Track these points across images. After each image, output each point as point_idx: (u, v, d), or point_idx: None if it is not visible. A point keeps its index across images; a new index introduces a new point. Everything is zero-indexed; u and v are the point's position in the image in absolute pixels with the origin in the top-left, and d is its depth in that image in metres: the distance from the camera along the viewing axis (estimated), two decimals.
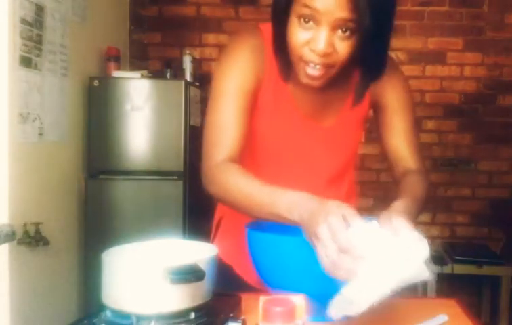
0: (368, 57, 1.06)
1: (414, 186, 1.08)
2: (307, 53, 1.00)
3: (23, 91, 2.05)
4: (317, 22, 0.97)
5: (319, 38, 0.97)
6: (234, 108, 1.09)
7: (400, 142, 1.21)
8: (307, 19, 0.97)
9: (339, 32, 0.97)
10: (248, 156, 1.17)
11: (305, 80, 1.05)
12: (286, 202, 0.94)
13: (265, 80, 1.13)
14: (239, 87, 1.10)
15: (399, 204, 0.95)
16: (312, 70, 1.02)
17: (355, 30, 0.97)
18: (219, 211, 1.37)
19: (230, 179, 1.03)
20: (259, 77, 1.12)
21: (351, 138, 1.26)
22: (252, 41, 1.14)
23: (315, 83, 1.05)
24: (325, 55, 0.99)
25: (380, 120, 1.24)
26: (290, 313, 0.77)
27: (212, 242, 1.36)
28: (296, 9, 0.98)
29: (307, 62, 1.01)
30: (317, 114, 1.19)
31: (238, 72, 1.11)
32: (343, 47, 0.99)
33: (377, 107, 1.24)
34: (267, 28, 1.13)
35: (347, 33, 0.98)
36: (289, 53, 1.04)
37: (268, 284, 1.07)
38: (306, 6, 0.96)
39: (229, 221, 1.28)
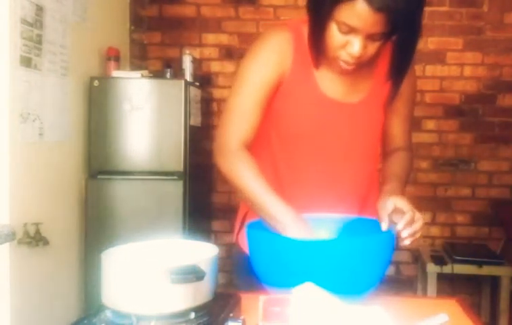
0: (399, 55, 1.21)
1: (399, 164, 1.29)
2: (343, 54, 1.14)
3: (23, 91, 2.05)
4: (353, 32, 1.10)
5: (354, 45, 1.11)
6: (253, 98, 1.23)
7: (397, 125, 1.36)
8: (344, 30, 1.09)
9: (371, 38, 1.11)
10: (278, 139, 1.30)
11: (337, 69, 1.21)
12: (271, 214, 1.10)
13: (291, 69, 1.24)
14: (260, 79, 1.23)
15: (389, 189, 1.15)
16: (346, 66, 1.17)
17: (385, 35, 1.10)
18: (244, 207, 1.42)
19: (241, 171, 1.17)
20: (283, 69, 1.24)
21: (376, 116, 1.32)
22: (278, 37, 1.25)
23: (346, 71, 1.20)
24: (359, 57, 1.13)
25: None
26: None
27: (236, 237, 1.43)
28: (336, 18, 1.09)
29: (342, 61, 1.16)
30: (343, 95, 1.28)
31: (260, 65, 1.24)
32: (373, 47, 1.13)
33: None
34: (293, 23, 1.28)
35: (378, 38, 1.11)
36: (324, 48, 1.17)
37: (265, 282, 1.07)
38: (344, 24, 1.08)
39: (253, 216, 1.30)
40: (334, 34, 1.12)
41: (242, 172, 1.17)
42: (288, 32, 1.26)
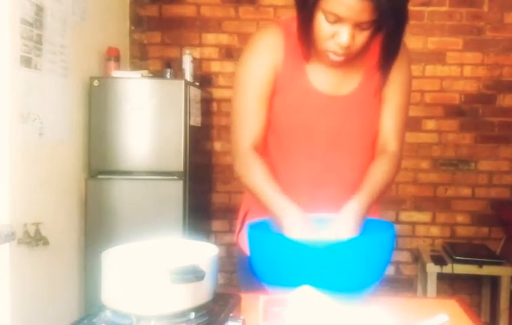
0: (387, 44, 1.20)
1: (377, 175, 1.22)
2: (331, 45, 1.15)
3: (23, 91, 2.05)
4: (341, 21, 1.10)
5: (342, 34, 1.11)
6: (253, 100, 1.27)
7: (388, 116, 1.31)
8: (331, 20, 1.10)
9: (359, 27, 1.11)
10: (273, 137, 1.31)
11: (327, 61, 1.21)
12: (274, 212, 1.14)
13: (282, 64, 1.26)
14: (256, 80, 1.26)
15: (351, 205, 1.12)
16: (335, 57, 1.17)
17: (373, 23, 1.10)
18: (245, 205, 1.43)
19: (251, 172, 1.22)
20: (275, 65, 1.26)
21: (368, 108, 1.30)
22: (268, 35, 1.29)
23: (337, 64, 1.21)
24: (348, 47, 1.13)
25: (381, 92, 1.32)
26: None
27: (237, 236, 1.43)
28: (322, 7, 1.09)
29: (331, 52, 1.16)
30: (333, 87, 1.27)
31: (254, 66, 1.27)
32: (361, 37, 1.13)
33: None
34: (284, 20, 1.30)
35: (366, 27, 1.11)
36: (313, 40, 1.18)
37: (265, 282, 1.07)
38: (331, 13, 1.09)
39: (253, 216, 1.30)
40: (322, 24, 1.12)
41: (250, 172, 1.22)
42: (278, 29, 1.28)
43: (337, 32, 1.11)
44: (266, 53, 1.26)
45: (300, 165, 1.30)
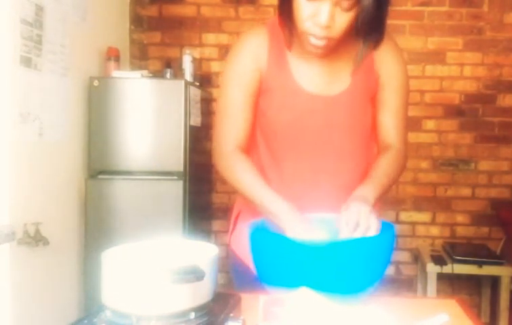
0: (368, 26, 1.13)
1: (384, 167, 1.22)
2: (310, 27, 1.10)
3: (23, 91, 2.05)
4: None
5: (322, 13, 1.06)
6: (237, 100, 1.25)
7: (390, 119, 1.30)
8: None
9: (340, 6, 1.07)
10: (262, 137, 1.30)
11: (309, 48, 1.16)
12: (270, 211, 1.13)
13: (267, 64, 1.25)
14: (240, 80, 1.25)
15: (360, 191, 1.11)
16: (315, 41, 1.12)
17: (354, 4, 1.06)
18: (238, 205, 1.42)
19: (238, 173, 1.22)
20: (259, 66, 1.25)
21: (358, 109, 1.28)
22: (252, 36, 1.27)
23: (319, 52, 1.16)
24: (327, 27, 1.08)
25: (377, 95, 1.31)
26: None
27: (230, 237, 1.43)
28: None
29: (311, 34, 1.11)
30: (320, 87, 1.25)
31: (238, 67, 1.26)
32: (342, 19, 1.09)
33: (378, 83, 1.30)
34: (272, 20, 1.28)
35: (347, 7, 1.07)
36: (294, 25, 1.14)
37: (265, 282, 1.07)
38: None
39: (245, 218, 1.29)
40: (301, 4, 1.09)
41: (239, 173, 1.22)
42: (263, 29, 1.27)
43: (316, 11, 1.07)
44: (248, 54, 1.25)
45: (289, 165, 1.28)
